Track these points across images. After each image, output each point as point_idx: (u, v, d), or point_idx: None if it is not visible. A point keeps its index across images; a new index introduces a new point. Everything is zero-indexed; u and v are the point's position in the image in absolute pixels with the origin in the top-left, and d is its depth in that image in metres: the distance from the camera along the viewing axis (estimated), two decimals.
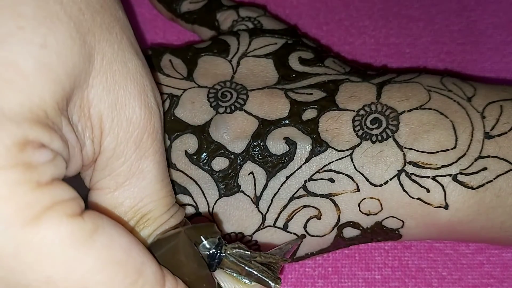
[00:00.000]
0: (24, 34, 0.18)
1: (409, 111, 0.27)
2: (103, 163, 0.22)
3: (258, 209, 0.27)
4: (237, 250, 0.22)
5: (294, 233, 0.27)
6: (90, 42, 0.20)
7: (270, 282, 0.22)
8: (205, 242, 0.22)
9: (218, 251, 0.22)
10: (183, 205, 0.27)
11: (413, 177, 0.26)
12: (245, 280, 0.23)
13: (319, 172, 0.27)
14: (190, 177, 0.27)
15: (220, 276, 0.23)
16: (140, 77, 0.22)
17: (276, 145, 0.27)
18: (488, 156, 0.25)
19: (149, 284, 0.19)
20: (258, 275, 0.22)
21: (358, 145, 0.26)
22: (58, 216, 0.17)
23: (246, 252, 0.23)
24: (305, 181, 0.27)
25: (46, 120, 0.18)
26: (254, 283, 0.23)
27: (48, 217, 0.17)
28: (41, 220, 0.17)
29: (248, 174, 0.27)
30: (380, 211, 0.26)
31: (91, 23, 0.20)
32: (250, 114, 0.27)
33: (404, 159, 0.26)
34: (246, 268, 0.22)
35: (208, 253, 0.22)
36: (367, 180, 0.26)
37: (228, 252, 0.22)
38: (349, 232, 0.27)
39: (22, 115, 0.17)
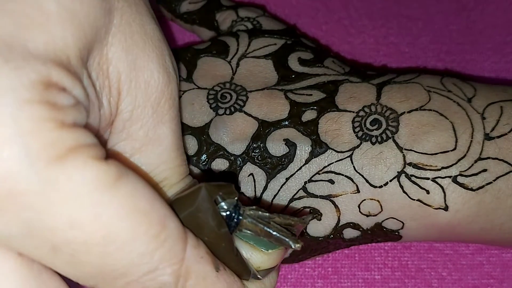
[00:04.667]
0: None
1: (409, 112, 0.27)
2: (120, 125, 0.21)
3: None
4: (255, 211, 0.22)
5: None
6: None
7: (290, 241, 0.22)
8: (223, 203, 0.21)
9: (236, 212, 0.21)
10: None
11: (413, 178, 0.26)
12: (263, 248, 0.22)
13: (319, 174, 0.27)
14: None
15: (237, 243, 0.22)
16: (158, 41, 0.22)
17: (275, 146, 0.27)
18: (488, 158, 0.25)
19: (172, 238, 0.19)
20: (278, 234, 0.22)
21: (358, 146, 0.26)
22: (83, 158, 0.17)
23: (265, 213, 0.22)
24: (305, 183, 0.27)
25: (69, 66, 0.18)
26: (270, 251, 0.22)
27: (74, 157, 0.17)
28: (66, 160, 0.17)
29: (248, 176, 0.27)
30: (380, 212, 0.26)
31: None
32: (249, 115, 0.27)
33: (404, 160, 0.26)
34: (265, 228, 0.22)
35: (226, 214, 0.21)
36: (367, 181, 0.26)
37: (246, 213, 0.22)
38: (349, 233, 0.27)
39: (47, 55, 0.17)
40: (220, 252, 0.21)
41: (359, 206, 0.26)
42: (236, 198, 0.21)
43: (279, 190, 0.27)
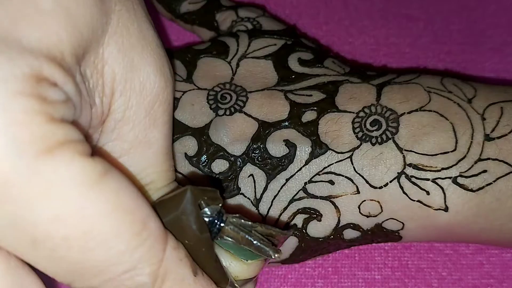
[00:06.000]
0: None
1: (409, 113, 0.27)
2: (111, 125, 0.21)
3: (258, 211, 0.27)
4: (237, 219, 0.22)
5: (295, 235, 0.27)
6: (108, 1, 0.20)
7: (270, 251, 0.22)
8: (206, 209, 0.21)
9: (219, 219, 0.22)
10: None
11: (413, 179, 0.26)
12: (242, 258, 0.22)
13: (319, 174, 0.27)
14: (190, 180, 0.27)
15: (217, 251, 0.22)
16: (157, 47, 0.22)
17: (276, 147, 0.27)
18: (488, 159, 0.25)
19: (152, 237, 0.19)
20: (258, 243, 0.22)
21: (358, 147, 0.26)
22: (71, 153, 0.17)
23: (247, 222, 0.22)
24: (305, 183, 0.27)
25: (62, 62, 0.18)
26: (250, 261, 0.22)
27: (61, 152, 0.17)
28: (54, 154, 0.17)
29: (248, 177, 0.27)
30: (380, 213, 0.26)
31: None
32: (249, 116, 0.27)
33: (404, 161, 0.26)
34: (247, 236, 0.22)
35: (209, 219, 0.21)
36: (367, 182, 0.26)
37: (229, 220, 0.22)
38: (349, 234, 0.27)
39: (40, 50, 0.17)
40: (200, 257, 0.21)
41: (359, 207, 0.26)
42: (220, 204, 0.22)
43: (279, 191, 0.27)
